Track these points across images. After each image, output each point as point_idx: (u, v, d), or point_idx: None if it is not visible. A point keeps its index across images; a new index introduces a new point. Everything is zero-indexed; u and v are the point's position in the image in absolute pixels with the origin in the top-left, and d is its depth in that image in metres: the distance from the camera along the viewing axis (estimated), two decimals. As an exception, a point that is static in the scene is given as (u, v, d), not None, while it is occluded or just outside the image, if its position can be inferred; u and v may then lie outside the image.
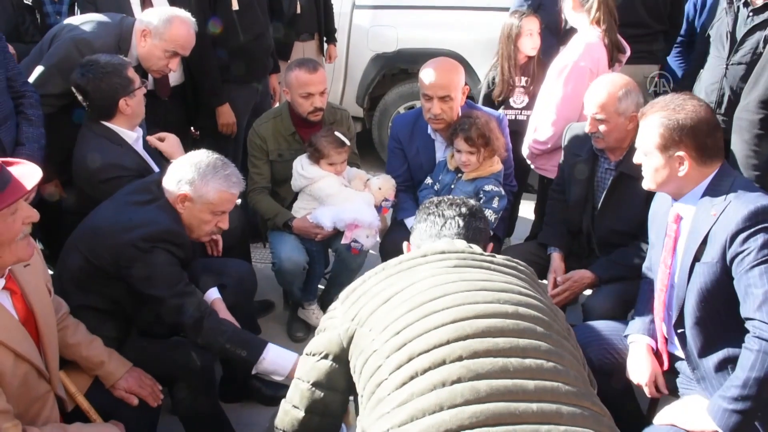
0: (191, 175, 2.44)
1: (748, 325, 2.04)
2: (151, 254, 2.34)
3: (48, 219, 3.16)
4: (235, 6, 3.87)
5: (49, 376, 2.04)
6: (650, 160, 2.25)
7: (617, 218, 2.91)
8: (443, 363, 1.46)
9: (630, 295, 2.67)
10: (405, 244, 2.04)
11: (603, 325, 2.64)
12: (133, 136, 2.96)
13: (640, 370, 2.38)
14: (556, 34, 4.47)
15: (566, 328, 1.76)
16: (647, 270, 2.57)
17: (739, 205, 2.10)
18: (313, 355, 1.75)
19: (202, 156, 2.49)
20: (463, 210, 1.98)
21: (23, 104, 2.88)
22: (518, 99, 4.06)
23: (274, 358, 2.43)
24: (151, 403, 2.40)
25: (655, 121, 2.21)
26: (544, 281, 3.16)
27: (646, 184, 2.33)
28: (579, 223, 3.12)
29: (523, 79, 4.04)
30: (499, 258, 1.81)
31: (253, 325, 3.23)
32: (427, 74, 3.22)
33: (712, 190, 2.20)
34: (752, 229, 2.05)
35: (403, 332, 1.54)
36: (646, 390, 2.36)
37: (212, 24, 3.82)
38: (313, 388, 1.74)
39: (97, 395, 2.31)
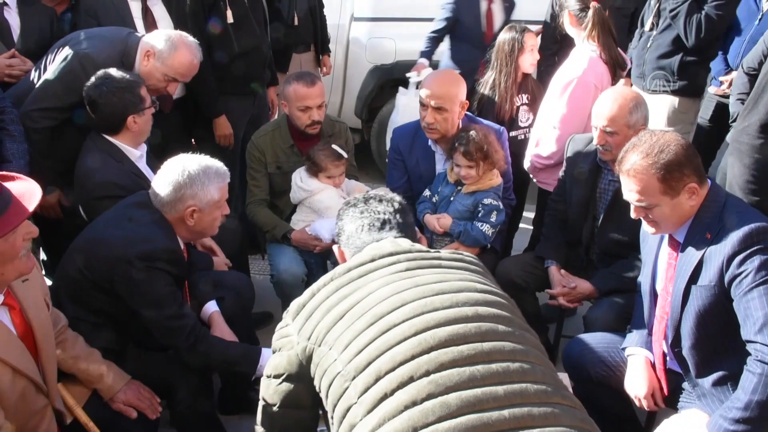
0: (191, 190, 2.43)
1: (749, 347, 2.04)
2: (146, 273, 2.34)
3: (48, 227, 3.19)
4: (230, 19, 3.89)
5: (47, 390, 2.04)
6: (661, 209, 2.20)
7: (620, 229, 2.91)
8: (411, 380, 1.43)
9: (632, 307, 2.66)
10: (335, 248, 1.97)
11: (600, 338, 2.65)
12: (136, 153, 2.98)
13: (638, 383, 2.38)
14: (479, 48, 4.55)
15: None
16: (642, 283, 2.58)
17: (734, 226, 2.10)
18: (275, 377, 1.71)
19: (187, 169, 2.45)
20: (396, 205, 1.92)
21: (4, 120, 2.88)
22: (524, 117, 4.02)
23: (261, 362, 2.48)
24: (150, 415, 2.41)
25: (648, 173, 2.16)
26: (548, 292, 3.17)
27: (665, 230, 2.29)
28: (579, 234, 3.14)
29: (524, 96, 4.02)
30: (445, 253, 1.77)
31: (251, 338, 3.22)
32: (426, 83, 3.27)
33: (705, 212, 2.19)
34: (749, 251, 2.05)
35: (366, 350, 1.50)
36: (644, 403, 2.37)
37: (211, 26, 3.84)
38: (280, 410, 1.72)
39: (96, 408, 2.32)
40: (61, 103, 3.03)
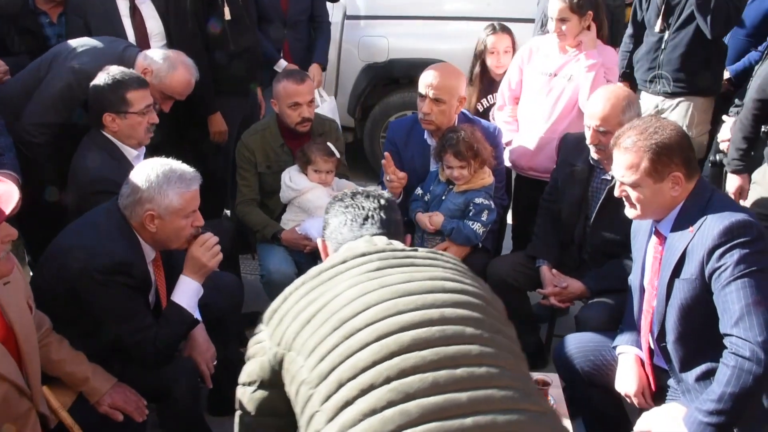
0: (147, 194, 2.37)
1: (725, 341, 2.06)
2: (105, 287, 2.30)
3: (38, 227, 3.18)
4: (228, 16, 3.89)
5: (31, 394, 2.03)
6: (642, 190, 2.22)
7: (612, 228, 2.91)
8: (372, 388, 1.40)
9: (623, 307, 2.66)
10: (318, 240, 1.95)
11: (591, 337, 2.65)
12: (133, 153, 2.97)
13: (628, 381, 2.39)
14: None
15: (501, 309, 1.68)
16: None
17: (715, 220, 2.12)
18: (249, 385, 1.69)
19: (147, 171, 2.41)
20: (382, 202, 1.90)
21: None
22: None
23: (189, 302, 2.49)
24: (137, 418, 2.39)
25: (639, 148, 2.19)
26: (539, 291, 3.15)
27: (645, 216, 2.31)
28: (571, 233, 3.13)
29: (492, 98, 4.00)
30: (421, 251, 1.74)
31: (240, 337, 3.21)
32: (426, 73, 3.26)
33: (690, 206, 2.21)
34: (728, 245, 2.07)
35: (329, 357, 1.47)
36: (635, 401, 2.37)
37: (211, 25, 3.85)
38: (257, 418, 1.70)
39: (82, 411, 2.30)
40: (58, 119, 3.05)
